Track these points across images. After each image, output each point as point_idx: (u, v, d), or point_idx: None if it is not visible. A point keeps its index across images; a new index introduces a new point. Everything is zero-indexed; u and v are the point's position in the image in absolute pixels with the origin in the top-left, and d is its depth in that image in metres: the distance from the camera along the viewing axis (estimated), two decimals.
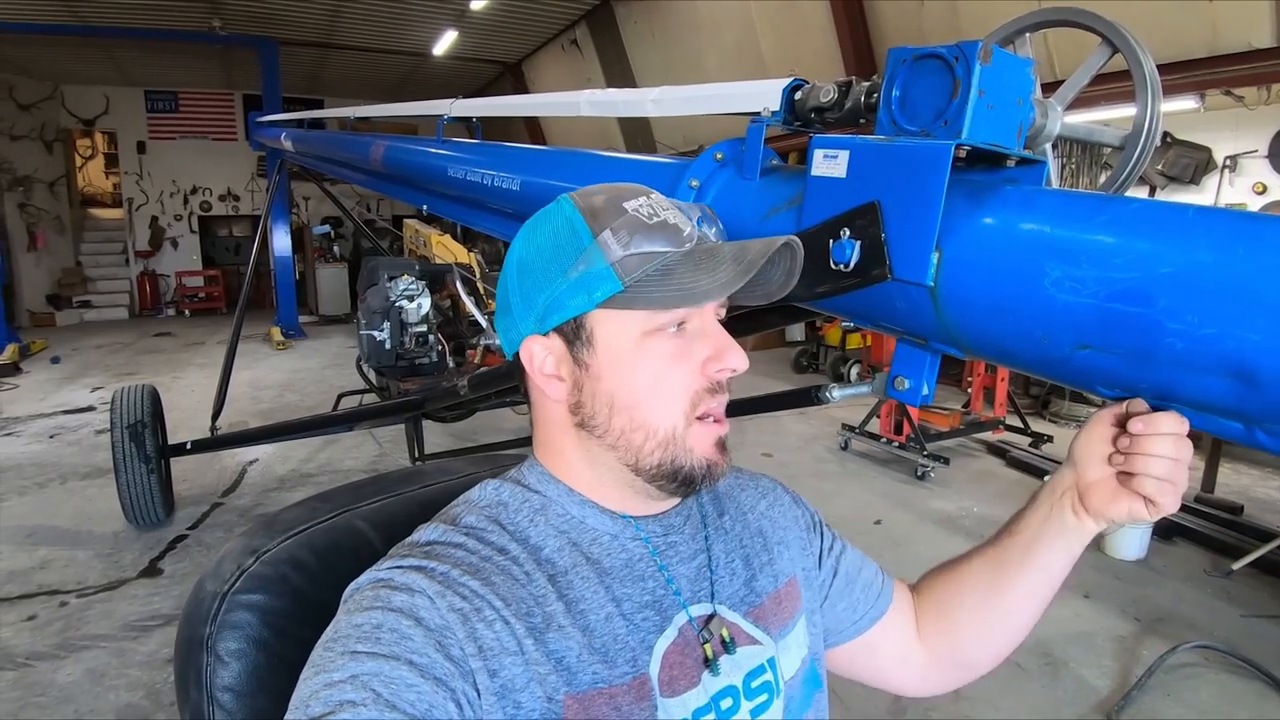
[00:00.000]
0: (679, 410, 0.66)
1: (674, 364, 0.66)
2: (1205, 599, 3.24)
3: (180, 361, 8.91)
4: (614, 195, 0.68)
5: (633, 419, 0.66)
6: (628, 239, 0.65)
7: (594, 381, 0.67)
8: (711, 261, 0.65)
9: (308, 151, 4.98)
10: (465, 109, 2.52)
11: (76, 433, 5.85)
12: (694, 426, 0.67)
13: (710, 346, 0.67)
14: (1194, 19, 4.28)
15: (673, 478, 0.67)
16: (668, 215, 0.67)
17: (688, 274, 0.64)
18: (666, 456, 0.66)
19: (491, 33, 10.27)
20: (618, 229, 0.65)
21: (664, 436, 0.66)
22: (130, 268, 13.52)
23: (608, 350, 0.66)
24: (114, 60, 11.31)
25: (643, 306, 0.65)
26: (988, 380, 5.53)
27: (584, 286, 0.65)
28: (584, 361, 0.67)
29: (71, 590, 3.33)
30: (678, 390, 0.66)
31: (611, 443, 0.67)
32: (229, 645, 0.67)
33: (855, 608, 0.85)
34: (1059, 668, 2.72)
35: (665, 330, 0.66)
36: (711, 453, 0.68)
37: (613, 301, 0.65)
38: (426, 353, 4.16)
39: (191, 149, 13.60)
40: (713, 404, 0.68)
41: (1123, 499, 0.72)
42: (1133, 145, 1.01)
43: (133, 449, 3.70)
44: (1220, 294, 0.66)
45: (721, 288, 0.63)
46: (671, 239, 0.66)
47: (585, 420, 0.68)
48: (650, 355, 0.66)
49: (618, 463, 0.68)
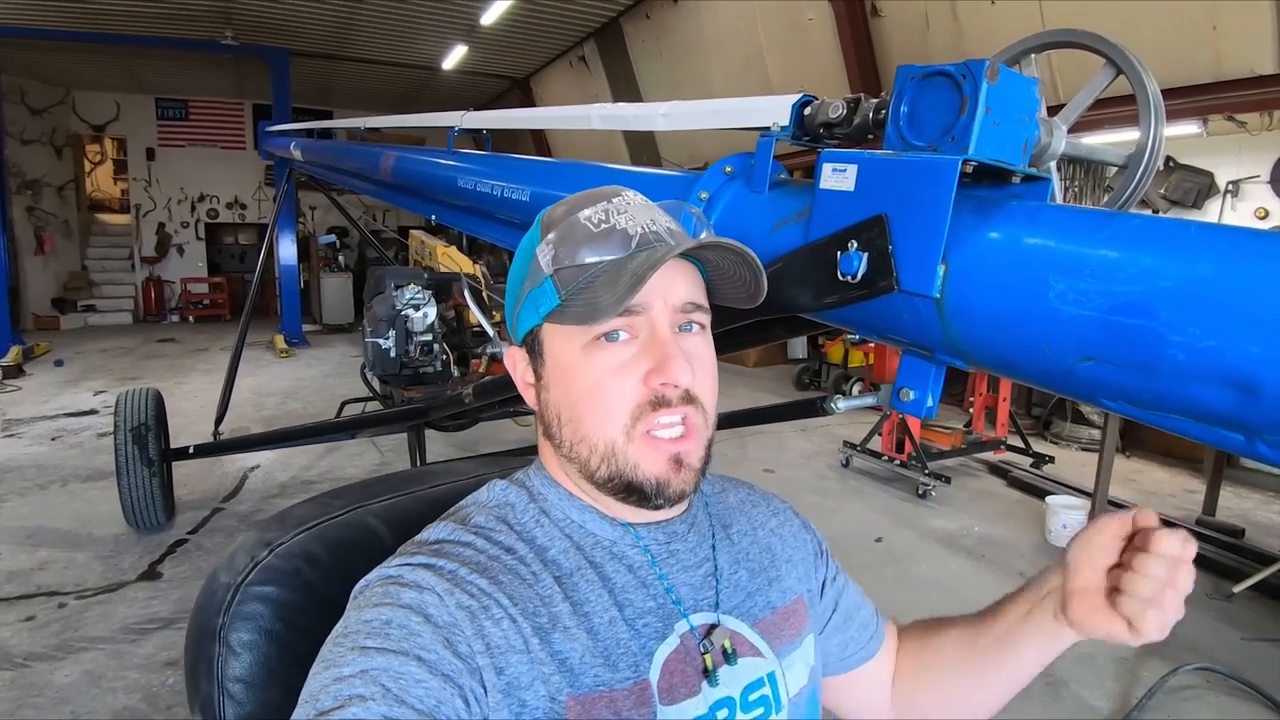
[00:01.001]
0: (617, 424, 0.65)
1: (613, 375, 0.65)
2: (1206, 621, 3.22)
3: (184, 367, 8.93)
4: (576, 203, 0.69)
5: (576, 431, 0.67)
6: (554, 251, 0.65)
7: (546, 392, 0.69)
8: (619, 273, 0.63)
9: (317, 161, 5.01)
10: (476, 121, 2.55)
11: (78, 435, 5.86)
12: (636, 443, 0.65)
13: (653, 358, 0.64)
14: (1198, 45, 4.32)
15: (627, 490, 0.66)
16: (619, 219, 0.66)
17: (600, 287, 0.63)
18: (613, 470, 0.66)
19: (501, 48, 10.36)
20: (554, 243, 0.66)
21: (604, 451, 0.66)
22: (136, 273, 13.61)
23: (555, 362, 0.68)
24: (126, 67, 11.42)
25: (565, 321, 0.66)
26: (990, 400, 5.53)
27: (533, 301, 0.67)
28: (540, 373, 0.69)
29: (70, 592, 3.33)
30: (615, 403, 0.65)
31: (566, 453, 0.68)
32: (241, 636, 0.68)
33: (846, 645, 0.85)
34: (1059, 688, 2.71)
35: (605, 340, 0.65)
36: (661, 470, 0.65)
37: (552, 315, 0.66)
38: (431, 362, 4.18)
39: (200, 157, 13.73)
40: (656, 419, 0.65)
41: (1102, 615, 0.68)
42: (1135, 165, 1.02)
43: (135, 452, 3.71)
44: (1221, 307, 0.67)
45: (618, 302, 0.61)
46: (618, 245, 0.65)
47: (548, 430, 0.70)
48: (590, 367, 0.65)
49: (577, 473, 0.69)
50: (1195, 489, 4.85)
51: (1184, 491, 4.99)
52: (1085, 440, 5.95)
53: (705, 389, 0.67)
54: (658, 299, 0.65)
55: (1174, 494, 4.97)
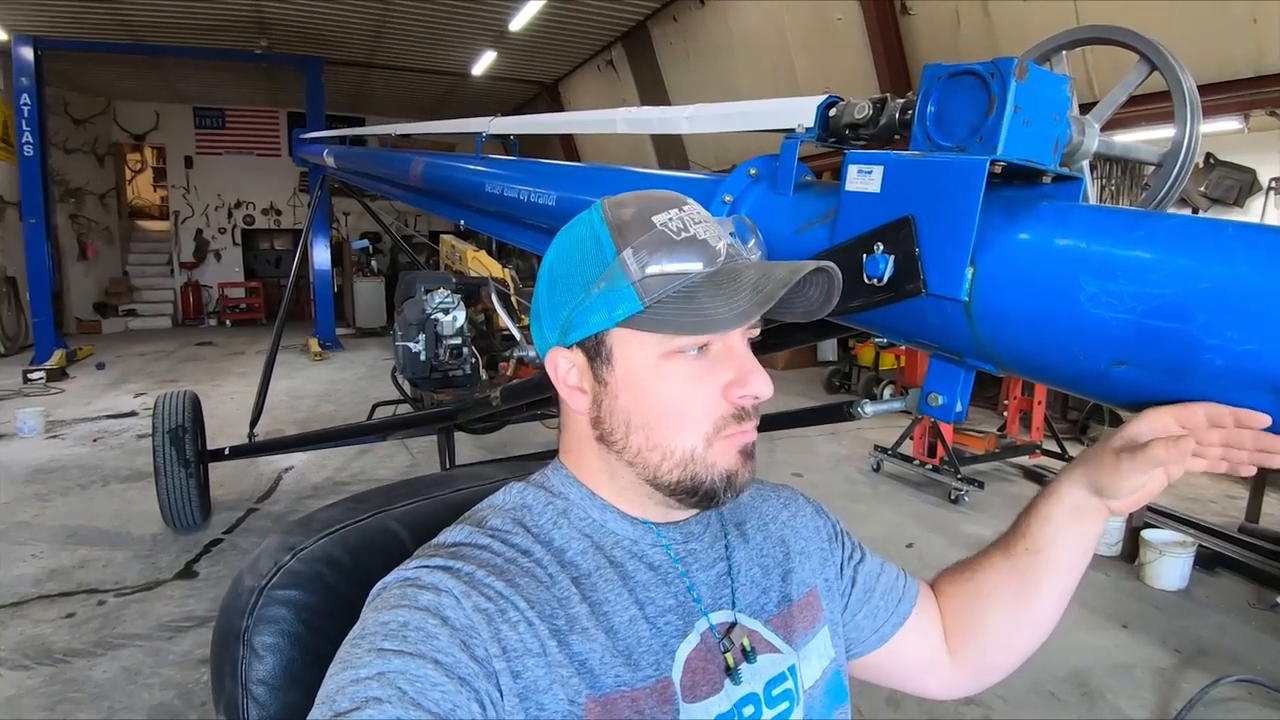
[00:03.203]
0: (699, 433, 0.66)
1: (693, 387, 0.65)
2: (1249, 631, 3.13)
3: (220, 370, 9.12)
4: (644, 207, 0.66)
5: (649, 439, 0.66)
6: (648, 258, 0.63)
7: (612, 399, 0.67)
8: (733, 286, 0.63)
9: (349, 167, 5.09)
10: (503, 126, 2.57)
11: (119, 437, 6.00)
12: (715, 446, 0.66)
13: (733, 370, 0.66)
14: (1239, 39, 4.21)
15: (693, 493, 0.67)
16: (698, 230, 0.66)
17: (707, 299, 0.63)
18: (686, 474, 0.66)
19: (529, 54, 10.44)
20: (640, 247, 0.64)
21: (681, 457, 0.66)
22: (175, 278, 13.96)
23: (626, 369, 0.66)
24: (165, 78, 11.73)
25: (661, 330, 0.64)
26: (1024, 404, 5.43)
27: (605, 304, 0.64)
28: (603, 378, 0.67)
29: (109, 590, 3.41)
30: (697, 415, 0.65)
31: (629, 459, 0.68)
32: (264, 639, 0.68)
33: (875, 615, 0.84)
34: (1095, 698, 2.65)
35: (685, 352, 0.65)
36: (733, 461, 0.67)
37: (632, 321, 0.64)
38: (460, 365, 4.21)
39: (237, 164, 14.03)
40: (738, 429, 0.67)
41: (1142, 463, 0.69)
42: (1171, 163, 1.00)
43: (173, 453, 3.79)
44: (1261, 309, 0.65)
45: (740, 317, 0.62)
46: (700, 256, 0.64)
47: (605, 435, 0.69)
48: (668, 377, 0.65)
49: (636, 477, 0.68)
50: (1238, 495, 4.71)
51: (1225, 498, 4.86)
52: None
53: None
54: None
55: (1215, 500, 4.84)
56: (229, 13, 8.76)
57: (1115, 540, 3.81)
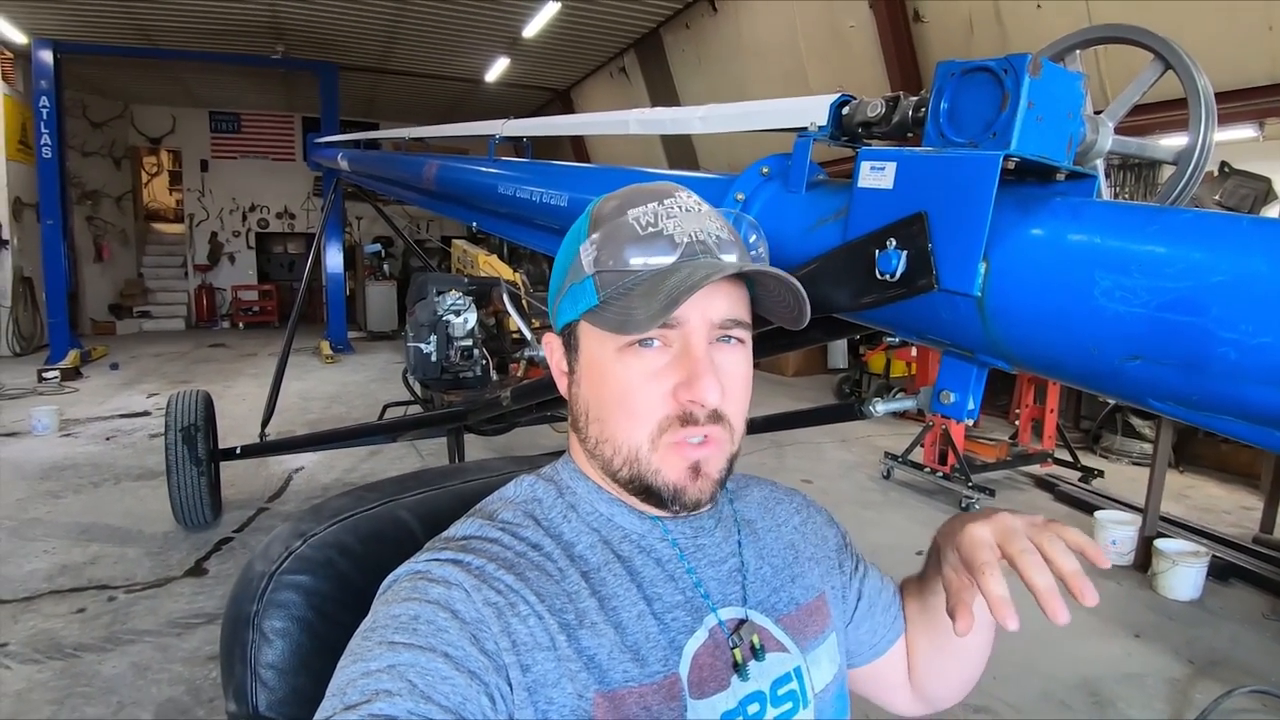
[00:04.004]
0: (644, 431, 0.65)
1: (643, 383, 0.64)
2: (1263, 642, 3.10)
3: (233, 371, 9.17)
4: (626, 200, 0.67)
5: (603, 430, 0.67)
6: (596, 252, 0.65)
7: (577, 387, 0.69)
8: (658, 288, 0.62)
9: (363, 171, 5.12)
10: (516, 129, 2.58)
11: (131, 436, 6.05)
12: (660, 451, 0.65)
13: (684, 372, 0.63)
14: (1254, 47, 4.18)
15: (645, 493, 0.67)
16: (667, 224, 0.65)
17: (637, 298, 0.62)
18: (634, 473, 0.66)
19: (542, 60, 10.49)
20: (596, 242, 0.65)
21: (627, 454, 0.66)
22: (189, 280, 14.07)
23: (589, 359, 0.68)
24: (181, 82, 11.85)
25: (601, 326, 0.65)
26: (1036, 412, 5.39)
27: (573, 295, 0.67)
28: (572, 365, 0.70)
29: (120, 586, 3.43)
30: (644, 410, 0.64)
31: (590, 449, 0.69)
32: (274, 624, 0.69)
33: (875, 631, 0.84)
34: (1106, 708, 2.62)
35: (639, 347, 0.64)
36: (680, 477, 0.65)
37: (590, 315, 0.66)
38: (471, 366, 4.22)
39: (251, 168, 14.16)
40: (682, 435, 0.64)
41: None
42: (1186, 162, 1.00)
43: (185, 451, 3.81)
44: (1275, 303, 0.64)
45: (650, 319, 0.60)
46: (666, 249, 0.64)
47: (575, 421, 0.70)
48: (622, 370, 0.65)
49: (600, 468, 0.69)
50: (1252, 505, 4.67)
51: (1240, 509, 4.81)
52: (1136, 454, 5.76)
53: (734, 407, 0.66)
54: (695, 313, 0.63)
55: (1229, 511, 4.79)
56: (245, 18, 8.85)
57: (1128, 550, 3.78)
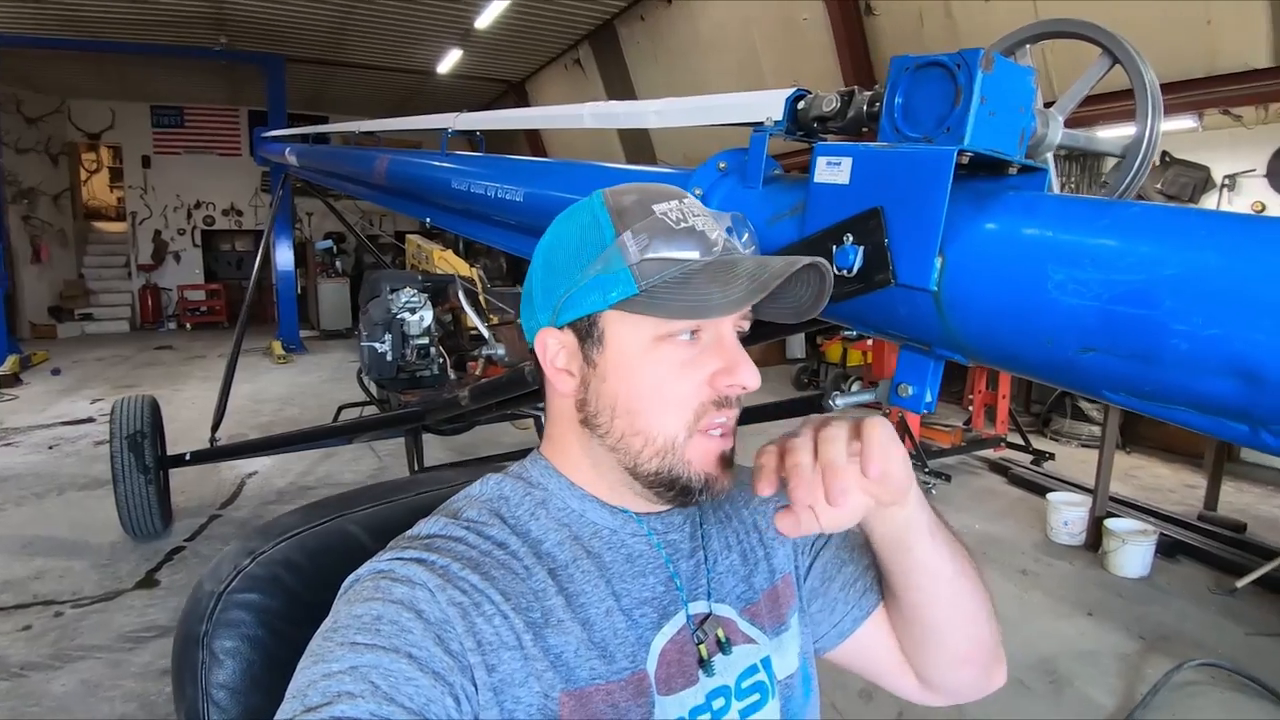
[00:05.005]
0: (680, 420, 0.65)
1: (681, 373, 0.65)
2: (1209, 617, 3.21)
3: (180, 374, 8.91)
4: (644, 196, 0.67)
5: (633, 424, 0.66)
6: (647, 242, 0.64)
7: (599, 381, 0.67)
8: (729, 275, 0.64)
9: (312, 166, 5.00)
10: (469, 122, 2.53)
11: (75, 444, 5.84)
12: (695, 439, 0.66)
13: (722, 359, 0.66)
14: (1192, 40, 4.31)
15: (669, 486, 0.67)
16: (696, 221, 0.66)
17: (703, 285, 0.63)
18: (664, 465, 0.66)
19: (495, 52, 10.36)
20: (639, 231, 0.65)
21: (662, 445, 0.66)
22: (132, 281, 13.57)
23: (617, 351, 0.66)
24: (121, 75, 11.41)
25: (655, 313, 0.64)
26: (989, 397, 5.51)
27: (600, 285, 0.65)
28: (593, 360, 0.67)
29: (67, 600, 3.31)
30: (681, 400, 0.65)
31: (611, 444, 0.67)
32: (224, 643, 0.68)
33: (833, 609, 0.80)
34: (1063, 686, 2.70)
35: (676, 337, 0.65)
36: (711, 467, 0.67)
37: (627, 304, 0.64)
38: (428, 365, 4.16)
39: (196, 164, 13.68)
40: (718, 418, 0.66)
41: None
42: (1133, 155, 1.01)
43: (131, 459, 3.69)
44: (1226, 295, 0.66)
45: (733, 304, 0.62)
46: (697, 246, 0.65)
47: (589, 418, 0.68)
48: (658, 361, 0.65)
49: (617, 464, 0.68)
50: (1196, 484, 4.84)
51: (1185, 487, 4.98)
52: (1085, 437, 5.94)
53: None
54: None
55: (1174, 489, 4.96)
56: (186, 8, 8.54)
57: (1080, 530, 3.89)
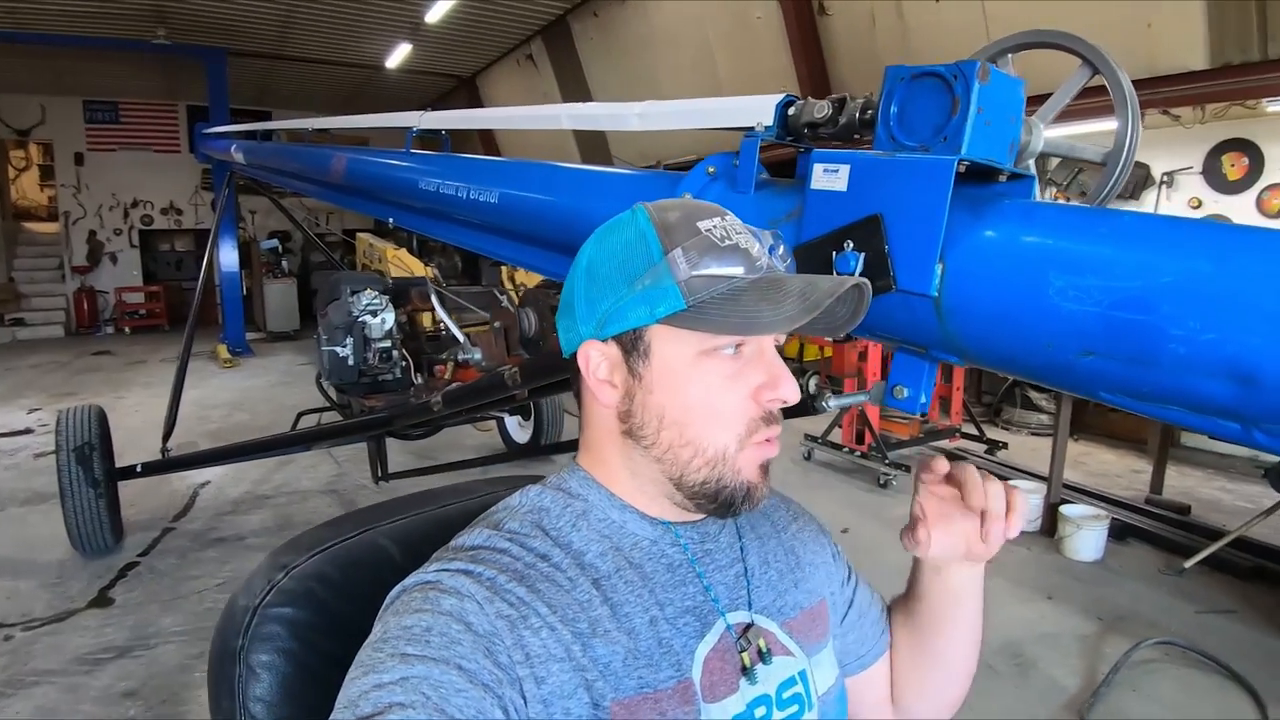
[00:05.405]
0: (733, 434, 0.67)
1: (727, 386, 0.67)
2: (1161, 597, 3.35)
3: (122, 381, 8.58)
4: (688, 213, 0.68)
5: (682, 434, 0.67)
6: (697, 259, 0.65)
7: (645, 393, 0.68)
8: (778, 293, 0.65)
9: (260, 164, 4.87)
10: (436, 121, 2.49)
11: (14, 456, 5.58)
12: (746, 450, 0.68)
13: (764, 373, 0.67)
14: (1133, 42, 4.48)
15: (713, 498, 0.68)
16: (740, 239, 0.67)
17: (753, 302, 0.64)
18: (712, 475, 0.67)
19: (446, 46, 10.21)
20: (689, 248, 0.65)
21: (713, 455, 0.67)
22: (67, 284, 13.00)
23: (663, 365, 0.67)
24: (51, 69, 10.91)
25: (704, 329, 0.65)
26: (943, 389, 5.64)
27: (648, 300, 0.65)
28: (638, 372, 0.68)
29: (16, 623, 3.16)
30: (729, 413, 0.67)
31: (658, 455, 0.68)
32: (260, 657, 0.69)
33: (863, 641, 0.86)
34: (1028, 668, 2.79)
35: (720, 351, 0.66)
36: (754, 475, 0.69)
37: (674, 319, 0.65)
38: (391, 368, 4.09)
39: (132, 161, 13.16)
40: (768, 433, 0.68)
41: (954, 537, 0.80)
42: (1114, 161, 1.05)
43: (80, 472, 3.54)
44: (1220, 301, 0.69)
45: (786, 321, 0.63)
46: (742, 263, 0.66)
47: (633, 429, 0.69)
48: (704, 374, 0.66)
49: (661, 475, 0.69)
50: (1141, 469, 5.04)
51: (1130, 472, 5.18)
52: (1034, 425, 6.14)
53: None
54: None
55: (1121, 474, 5.16)
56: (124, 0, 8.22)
57: (1036, 517, 4.01)
